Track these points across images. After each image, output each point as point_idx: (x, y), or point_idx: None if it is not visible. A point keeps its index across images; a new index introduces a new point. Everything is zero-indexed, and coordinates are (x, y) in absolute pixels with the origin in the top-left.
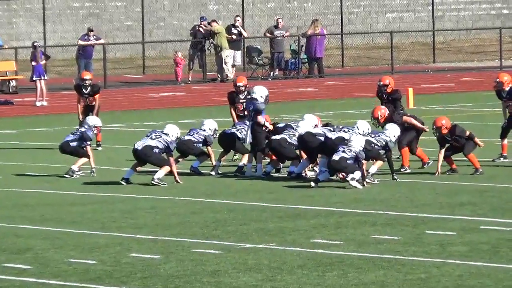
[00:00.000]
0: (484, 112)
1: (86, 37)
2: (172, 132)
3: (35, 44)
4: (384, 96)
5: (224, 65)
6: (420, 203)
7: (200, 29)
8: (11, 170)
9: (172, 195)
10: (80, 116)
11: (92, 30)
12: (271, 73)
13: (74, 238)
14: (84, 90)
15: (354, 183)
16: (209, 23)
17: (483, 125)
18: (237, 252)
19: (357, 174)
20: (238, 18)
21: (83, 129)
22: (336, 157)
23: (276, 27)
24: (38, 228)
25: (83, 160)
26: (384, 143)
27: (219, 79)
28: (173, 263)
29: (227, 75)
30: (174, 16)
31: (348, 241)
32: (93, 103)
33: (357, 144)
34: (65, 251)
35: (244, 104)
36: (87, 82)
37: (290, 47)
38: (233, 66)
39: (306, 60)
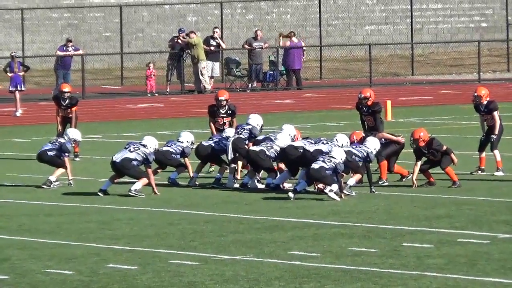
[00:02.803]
0: (462, 125)
1: (64, 48)
2: (150, 143)
3: (12, 54)
4: (364, 108)
5: (201, 77)
6: (398, 216)
7: (179, 40)
8: None
9: (149, 206)
10: (59, 127)
11: (70, 41)
12: (249, 84)
13: (51, 248)
14: (62, 102)
15: (332, 195)
16: (187, 35)
17: (461, 138)
18: (214, 263)
19: (335, 187)
20: (216, 29)
21: (62, 140)
22: (315, 165)
23: (255, 38)
24: (15, 238)
25: (60, 170)
26: (365, 154)
27: (196, 91)
28: (150, 274)
29: (205, 86)
30: (152, 27)
31: (325, 253)
32: (70, 115)
33: (338, 156)
34: (42, 261)
35: (224, 118)
36: (65, 94)
37: (269, 58)
38: (211, 77)
39: (284, 72)
